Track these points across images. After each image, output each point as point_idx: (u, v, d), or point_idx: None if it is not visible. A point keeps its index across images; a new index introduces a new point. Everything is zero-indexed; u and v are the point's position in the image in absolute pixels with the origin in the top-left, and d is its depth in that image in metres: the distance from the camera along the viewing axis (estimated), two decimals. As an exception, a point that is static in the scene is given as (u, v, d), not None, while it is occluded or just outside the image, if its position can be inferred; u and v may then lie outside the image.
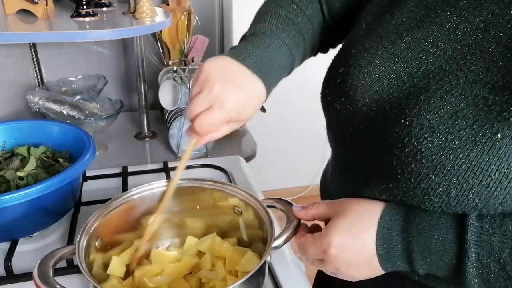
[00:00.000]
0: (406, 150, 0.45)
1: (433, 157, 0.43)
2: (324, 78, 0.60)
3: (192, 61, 1.21)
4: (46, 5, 1.03)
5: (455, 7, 0.47)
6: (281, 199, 0.63)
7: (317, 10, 0.66)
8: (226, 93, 0.53)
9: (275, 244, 0.55)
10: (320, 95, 0.61)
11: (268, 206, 0.61)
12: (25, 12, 1.01)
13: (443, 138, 0.43)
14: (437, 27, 0.48)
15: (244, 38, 0.62)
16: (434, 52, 0.48)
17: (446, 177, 0.43)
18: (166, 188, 0.64)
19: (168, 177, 0.93)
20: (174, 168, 0.97)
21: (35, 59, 1.26)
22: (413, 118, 0.45)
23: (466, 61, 0.45)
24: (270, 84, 0.58)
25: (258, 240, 0.63)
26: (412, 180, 0.45)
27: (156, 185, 0.65)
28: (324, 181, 0.73)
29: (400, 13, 0.52)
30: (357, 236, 0.49)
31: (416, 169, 0.45)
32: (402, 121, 0.46)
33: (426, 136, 0.44)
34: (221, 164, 0.99)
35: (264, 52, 0.58)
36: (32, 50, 1.25)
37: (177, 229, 0.69)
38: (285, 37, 0.61)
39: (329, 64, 0.61)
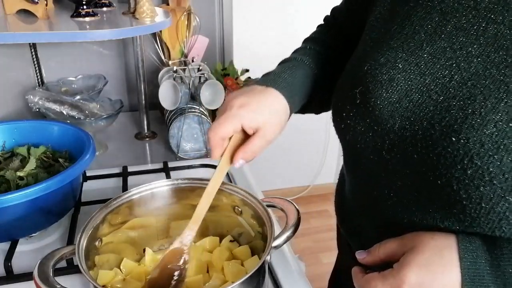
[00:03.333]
0: (469, 171, 0.41)
1: (506, 176, 0.39)
2: (334, 102, 0.58)
3: (192, 61, 1.21)
4: (46, 5, 1.03)
5: (477, 9, 0.45)
6: (281, 198, 0.63)
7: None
8: (234, 99, 0.56)
9: (275, 243, 0.55)
10: (333, 121, 0.59)
11: (268, 206, 0.61)
12: (25, 12, 1.01)
13: None
14: (462, 32, 0.45)
15: None
16: (464, 59, 0.44)
17: None
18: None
19: (168, 177, 0.93)
20: (174, 168, 0.97)
21: (35, 59, 1.26)
22: (468, 134, 0.41)
23: (507, 64, 0.41)
24: (282, 89, 0.59)
25: (259, 239, 0.63)
26: (483, 204, 0.41)
27: (156, 185, 0.65)
28: (341, 202, 0.68)
29: (410, 22, 0.49)
30: (436, 275, 0.43)
31: (486, 192, 0.40)
32: (454, 139, 0.42)
33: (491, 153, 0.39)
34: (221, 164, 0.99)
35: (277, 69, 0.62)
36: (32, 50, 1.25)
37: (177, 229, 0.69)
38: (302, 57, 0.64)
39: (336, 87, 0.59)
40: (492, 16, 0.43)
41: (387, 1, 0.54)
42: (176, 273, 0.58)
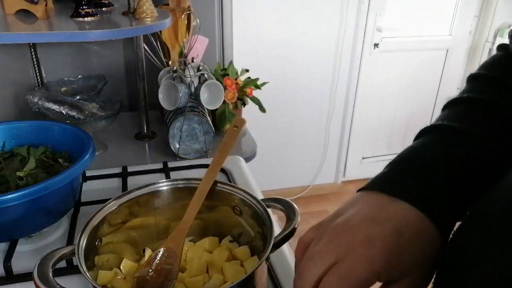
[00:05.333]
0: None
1: None
2: None
3: (192, 61, 1.21)
4: (46, 5, 1.03)
5: None
6: (281, 198, 0.63)
7: None
8: (354, 225, 0.35)
9: (275, 243, 0.55)
10: None
11: (268, 206, 0.61)
12: (25, 12, 1.01)
13: None
14: None
15: None
16: None
17: None
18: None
19: (168, 177, 0.93)
20: (173, 168, 0.97)
21: (35, 59, 1.26)
22: None
23: None
24: (426, 206, 0.35)
25: (259, 239, 0.63)
26: None
27: (156, 185, 0.65)
28: None
29: None
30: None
31: None
32: None
33: None
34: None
35: (399, 158, 0.40)
36: (32, 50, 1.25)
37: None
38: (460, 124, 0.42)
39: None
40: None
41: None
42: (166, 272, 0.58)
